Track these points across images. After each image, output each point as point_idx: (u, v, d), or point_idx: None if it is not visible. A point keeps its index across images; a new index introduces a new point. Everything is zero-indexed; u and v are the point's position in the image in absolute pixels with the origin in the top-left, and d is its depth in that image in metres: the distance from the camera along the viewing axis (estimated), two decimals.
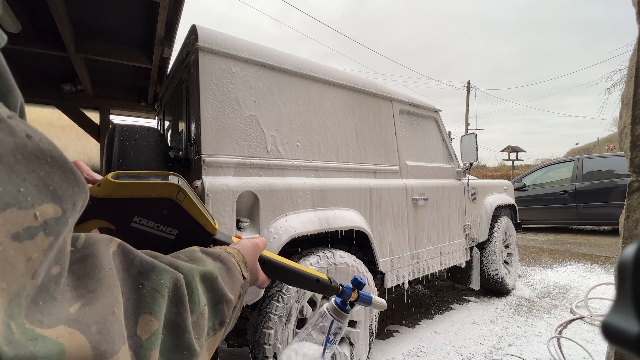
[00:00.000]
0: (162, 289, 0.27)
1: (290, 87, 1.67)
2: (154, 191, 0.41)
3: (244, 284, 0.40)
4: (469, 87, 21.33)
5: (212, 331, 0.33)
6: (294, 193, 1.56)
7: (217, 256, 0.38)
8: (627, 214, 0.98)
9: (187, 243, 0.43)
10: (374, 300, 0.66)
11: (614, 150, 23.47)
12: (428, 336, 2.32)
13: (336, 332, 0.61)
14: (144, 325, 0.25)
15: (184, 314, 0.29)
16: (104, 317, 0.22)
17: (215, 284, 0.34)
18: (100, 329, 0.21)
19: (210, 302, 0.33)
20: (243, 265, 0.42)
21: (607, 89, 8.57)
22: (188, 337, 0.29)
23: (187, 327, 0.29)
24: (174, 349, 0.27)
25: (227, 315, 0.35)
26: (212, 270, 0.35)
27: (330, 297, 0.63)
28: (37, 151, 0.19)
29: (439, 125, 2.69)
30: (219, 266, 0.36)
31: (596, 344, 2.16)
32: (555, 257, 4.70)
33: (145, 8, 1.93)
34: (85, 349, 0.20)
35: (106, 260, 0.25)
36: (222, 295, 0.35)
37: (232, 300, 0.36)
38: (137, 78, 2.93)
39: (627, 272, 0.19)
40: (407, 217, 2.15)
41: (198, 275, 0.32)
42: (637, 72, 0.92)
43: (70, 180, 0.21)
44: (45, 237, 0.19)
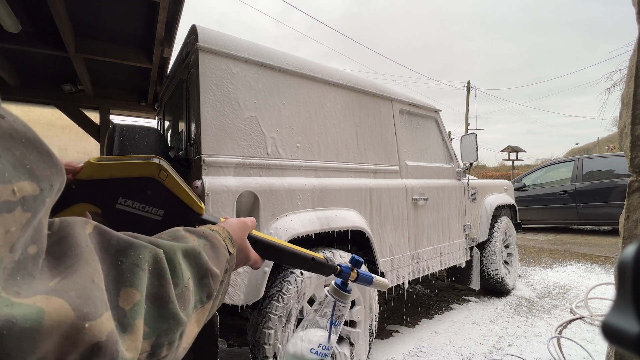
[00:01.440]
0: (141, 263, 0.28)
1: (290, 87, 1.67)
2: (135, 170, 0.41)
3: (230, 259, 0.41)
4: (468, 87, 21.33)
5: (200, 304, 0.34)
6: (294, 193, 1.56)
7: (201, 234, 0.39)
8: (627, 214, 0.98)
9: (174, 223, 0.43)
10: (374, 280, 0.65)
11: (614, 150, 23.47)
12: (428, 336, 2.32)
13: (340, 313, 0.61)
14: (126, 297, 0.26)
15: (166, 286, 0.30)
16: (83, 285, 0.22)
17: (199, 259, 0.35)
18: (80, 294, 0.22)
19: (195, 276, 0.34)
20: (229, 241, 0.43)
21: (607, 89, 8.57)
22: (172, 307, 0.30)
23: (170, 298, 0.30)
24: (159, 319, 0.28)
25: (214, 289, 0.36)
26: (194, 246, 0.36)
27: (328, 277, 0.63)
28: (11, 131, 0.20)
29: (439, 125, 2.69)
30: (204, 242, 0.37)
31: (596, 344, 2.16)
32: (555, 257, 4.70)
33: (145, 8, 1.93)
34: (65, 309, 0.20)
35: (82, 239, 0.25)
36: (207, 269, 0.36)
37: (218, 274, 0.37)
38: (137, 78, 2.93)
39: (627, 272, 0.19)
40: (407, 217, 2.15)
41: (180, 251, 0.33)
42: (637, 72, 0.92)
43: (47, 162, 0.22)
44: (23, 212, 0.19)
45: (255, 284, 1.41)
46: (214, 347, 1.32)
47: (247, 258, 0.49)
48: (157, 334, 0.28)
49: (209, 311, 0.37)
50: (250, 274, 1.40)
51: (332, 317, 0.60)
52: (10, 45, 2.11)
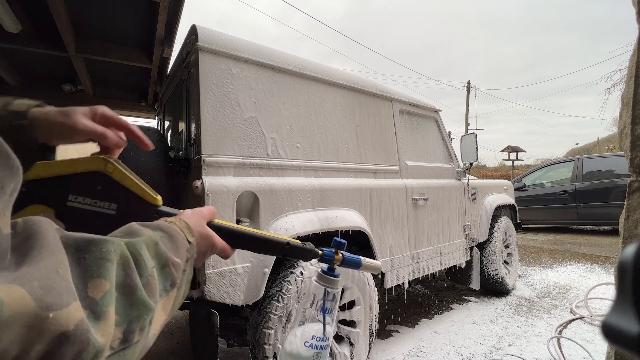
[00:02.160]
0: (107, 255, 0.29)
1: (290, 88, 1.67)
2: (81, 165, 0.42)
3: (189, 248, 0.42)
4: (468, 87, 21.33)
5: (165, 292, 0.36)
6: (294, 193, 1.56)
7: (156, 226, 0.40)
8: (627, 214, 0.98)
9: (130, 216, 0.43)
10: (363, 262, 0.61)
11: (614, 150, 23.47)
12: (428, 336, 2.32)
13: (331, 300, 0.59)
14: (94, 288, 0.27)
15: (132, 275, 0.31)
16: (47, 275, 0.22)
17: (158, 249, 0.36)
18: (43, 285, 0.22)
19: (157, 266, 0.35)
20: (187, 230, 0.43)
21: (607, 89, 8.56)
22: (141, 294, 0.31)
23: (138, 286, 0.31)
24: (129, 306, 0.30)
25: (176, 277, 0.38)
26: (151, 237, 0.36)
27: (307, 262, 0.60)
28: None
29: (439, 125, 2.69)
30: (160, 234, 0.38)
31: (596, 344, 2.16)
32: (555, 257, 4.70)
33: (145, 8, 1.93)
34: (26, 300, 0.20)
35: (50, 233, 0.26)
36: (167, 258, 0.37)
37: (179, 263, 0.39)
38: (137, 78, 2.93)
39: (627, 272, 0.19)
40: (407, 217, 2.15)
41: (138, 243, 0.34)
42: (637, 72, 0.92)
43: (2, 163, 0.22)
44: None
45: (255, 284, 1.41)
46: (214, 347, 1.32)
47: (212, 245, 0.49)
48: (129, 320, 0.29)
49: (174, 299, 0.38)
50: (250, 273, 1.40)
51: (324, 305, 0.58)
52: (10, 45, 2.11)
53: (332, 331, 0.59)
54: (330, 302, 0.59)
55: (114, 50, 2.35)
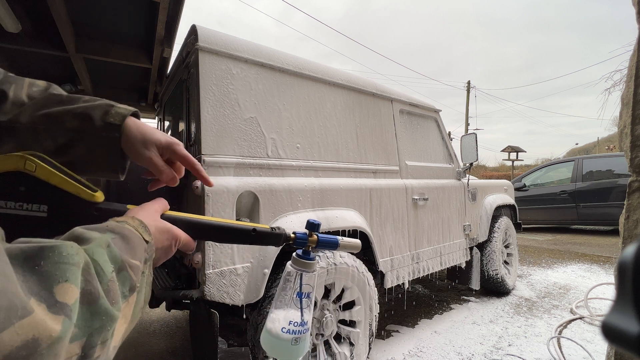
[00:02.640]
0: (68, 259, 0.26)
1: (290, 88, 1.67)
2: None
3: (147, 247, 0.39)
4: (468, 87, 21.34)
5: (124, 298, 0.33)
6: (294, 193, 1.56)
7: (105, 228, 0.36)
8: (627, 214, 0.98)
9: (66, 217, 0.40)
10: (341, 242, 0.58)
11: (614, 150, 23.47)
12: (428, 336, 2.32)
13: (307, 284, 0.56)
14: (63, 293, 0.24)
15: (92, 282, 0.28)
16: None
17: (111, 252, 0.33)
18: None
19: (114, 271, 0.33)
20: (142, 229, 0.40)
21: (607, 89, 8.57)
22: (103, 302, 0.28)
23: (99, 294, 0.28)
24: (89, 317, 0.27)
25: (135, 281, 0.35)
26: (102, 240, 0.33)
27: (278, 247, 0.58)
28: None
29: (439, 125, 2.69)
30: (111, 236, 0.35)
31: (596, 344, 2.16)
32: (555, 257, 4.70)
33: (145, 8, 1.93)
34: None
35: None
36: (123, 261, 0.34)
37: (138, 265, 0.36)
38: (137, 78, 2.93)
39: (627, 272, 0.19)
40: (407, 217, 2.15)
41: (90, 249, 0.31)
42: (637, 72, 0.92)
43: None
44: None
45: (255, 284, 1.41)
46: (214, 347, 1.32)
47: (175, 237, 0.46)
48: (89, 332, 0.26)
49: (134, 305, 0.35)
50: (250, 274, 1.40)
51: (301, 289, 0.56)
52: (10, 45, 2.11)
53: (310, 317, 0.57)
54: (307, 285, 0.56)
55: (114, 50, 2.35)
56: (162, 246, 0.44)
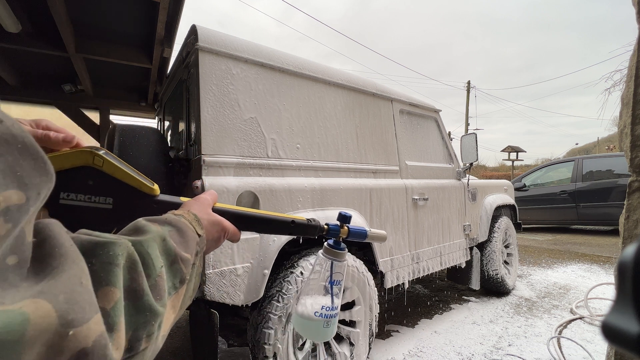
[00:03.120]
0: (114, 259, 0.28)
1: (290, 88, 1.67)
2: (68, 161, 0.40)
3: (199, 241, 0.41)
4: (468, 87, 21.34)
5: (174, 290, 0.34)
6: (294, 193, 1.56)
7: (164, 220, 0.38)
8: (627, 214, 0.98)
9: (129, 208, 0.42)
10: (369, 233, 0.62)
11: (614, 150, 23.47)
12: (428, 336, 2.32)
13: (338, 272, 0.60)
14: (105, 296, 0.25)
15: (139, 279, 0.29)
16: (72, 288, 0.22)
17: (167, 245, 0.35)
18: (68, 299, 0.21)
19: (166, 264, 0.34)
20: (196, 223, 0.42)
21: (607, 89, 8.57)
22: (147, 299, 0.29)
23: (144, 291, 0.29)
24: (134, 313, 0.28)
25: (185, 273, 0.36)
26: (159, 233, 0.35)
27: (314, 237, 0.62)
28: (7, 135, 0.19)
29: (439, 125, 2.69)
30: (168, 229, 0.37)
31: (596, 344, 2.16)
32: (555, 257, 4.70)
33: (145, 8, 1.93)
34: (51, 317, 0.19)
35: (65, 238, 0.25)
36: (176, 254, 0.35)
37: (189, 258, 0.37)
38: (137, 78, 2.93)
39: (627, 272, 0.19)
40: (407, 218, 2.15)
41: (145, 242, 0.33)
42: (637, 72, 0.92)
43: (39, 168, 0.21)
44: (4, 223, 0.19)
45: (255, 284, 1.41)
46: (214, 347, 1.32)
47: (224, 229, 0.48)
48: (134, 328, 0.28)
49: (183, 296, 0.37)
50: (250, 274, 1.40)
51: (331, 277, 0.60)
52: (10, 45, 2.11)
53: (339, 302, 0.61)
54: (338, 274, 0.60)
55: (114, 50, 2.35)
56: (212, 238, 0.46)
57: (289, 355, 1.47)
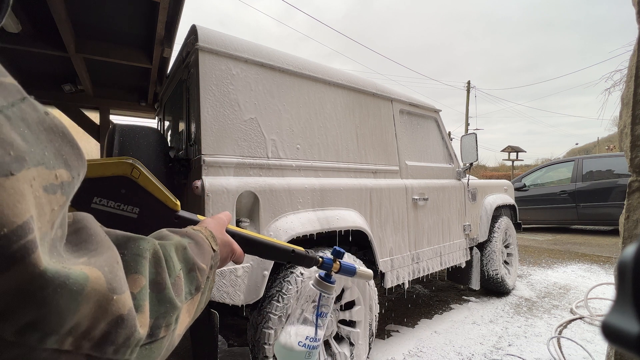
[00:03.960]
0: (142, 252, 0.31)
1: (290, 88, 1.67)
2: (108, 170, 0.42)
3: (214, 255, 0.44)
4: (468, 87, 21.34)
5: (190, 295, 0.37)
6: (294, 193, 1.56)
7: (185, 233, 0.42)
8: (627, 214, 0.98)
9: (151, 220, 0.45)
10: (358, 271, 0.67)
11: (614, 150, 23.47)
12: (428, 336, 2.32)
13: (325, 305, 0.63)
14: (133, 282, 0.29)
15: (162, 274, 0.33)
16: (111, 264, 0.26)
17: (186, 254, 0.38)
18: (110, 270, 0.25)
19: (184, 270, 0.37)
20: (212, 239, 0.45)
21: (607, 89, 8.56)
22: (168, 292, 0.33)
23: (166, 284, 0.33)
24: (157, 302, 0.31)
25: (201, 282, 0.40)
26: (181, 242, 0.39)
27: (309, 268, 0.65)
28: (53, 125, 0.23)
29: (439, 125, 2.69)
30: (188, 240, 0.40)
31: (596, 344, 2.16)
32: (555, 257, 4.70)
33: (145, 8, 1.93)
34: (101, 281, 0.24)
35: (99, 230, 0.28)
36: (194, 263, 0.38)
37: (205, 269, 0.41)
38: (137, 78, 2.93)
39: (627, 272, 0.19)
40: (407, 217, 2.15)
41: (169, 246, 0.36)
42: (637, 72, 0.92)
43: (77, 154, 0.25)
44: (62, 195, 0.22)
45: (255, 284, 1.41)
46: (214, 347, 1.32)
47: (232, 251, 0.52)
48: (155, 316, 0.30)
49: (197, 303, 0.40)
50: (250, 274, 1.40)
51: (318, 309, 0.62)
52: (10, 45, 2.11)
53: (322, 334, 0.64)
54: (325, 306, 0.63)
55: (114, 50, 2.35)
56: (222, 257, 0.49)
57: None
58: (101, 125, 3.32)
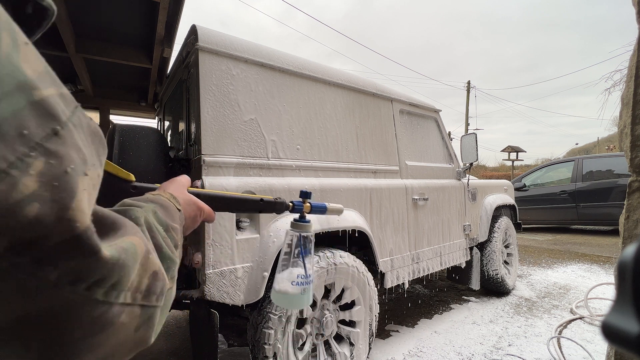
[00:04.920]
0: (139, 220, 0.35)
1: (290, 89, 1.67)
2: None
3: (180, 215, 0.47)
4: (468, 87, 21.33)
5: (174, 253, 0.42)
6: (294, 194, 1.56)
7: (147, 199, 0.44)
8: (627, 214, 0.98)
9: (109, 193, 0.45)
10: (329, 207, 0.73)
11: (614, 150, 23.46)
12: (428, 336, 2.32)
13: (307, 243, 0.67)
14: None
15: (156, 236, 0.37)
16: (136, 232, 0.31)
17: (158, 217, 0.41)
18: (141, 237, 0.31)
19: (164, 231, 0.40)
20: (174, 200, 0.47)
21: (607, 89, 8.56)
22: (166, 250, 0.37)
23: (162, 244, 0.37)
24: (161, 260, 0.35)
25: (177, 240, 0.43)
26: (150, 207, 0.41)
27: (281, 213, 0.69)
28: (95, 130, 0.27)
29: (439, 125, 2.69)
30: (153, 205, 0.42)
31: (596, 344, 2.16)
32: (555, 257, 4.70)
33: (145, 8, 1.93)
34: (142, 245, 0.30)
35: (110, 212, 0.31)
36: (167, 224, 0.41)
37: (177, 227, 0.43)
38: (137, 78, 2.93)
39: (627, 272, 0.19)
40: (407, 218, 2.15)
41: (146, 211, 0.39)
42: (637, 72, 0.92)
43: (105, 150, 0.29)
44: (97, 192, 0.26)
45: (255, 284, 1.41)
46: (214, 347, 1.32)
47: (200, 209, 0.53)
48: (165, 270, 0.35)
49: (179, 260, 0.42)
50: (250, 274, 1.40)
51: (302, 248, 0.66)
52: None
53: (312, 271, 0.68)
54: (306, 245, 0.67)
55: (114, 50, 2.35)
56: (189, 216, 0.51)
57: (288, 355, 1.47)
58: (101, 125, 3.31)
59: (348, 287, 1.71)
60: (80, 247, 0.22)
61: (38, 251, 0.20)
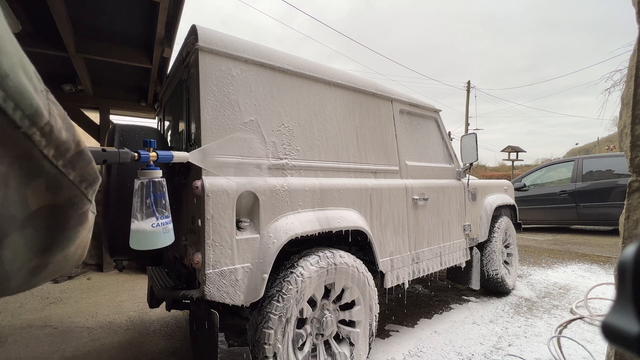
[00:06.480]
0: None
1: (291, 89, 1.67)
2: None
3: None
4: (468, 88, 21.33)
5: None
6: (294, 194, 1.56)
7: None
8: (627, 214, 0.98)
9: None
10: (175, 155, 0.79)
11: (614, 150, 23.45)
12: (428, 336, 2.32)
13: (158, 186, 0.71)
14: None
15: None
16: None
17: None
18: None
19: None
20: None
21: (607, 89, 8.55)
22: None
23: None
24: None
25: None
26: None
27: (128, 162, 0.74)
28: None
29: (439, 125, 2.69)
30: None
31: (596, 344, 2.16)
32: (555, 257, 4.70)
33: (145, 8, 1.93)
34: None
35: None
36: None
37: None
38: (137, 78, 2.93)
39: (627, 272, 0.19)
40: (407, 218, 2.15)
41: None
42: (637, 72, 0.92)
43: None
44: None
45: (254, 285, 1.41)
46: (214, 347, 1.32)
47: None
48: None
49: None
50: (250, 274, 1.40)
51: (157, 192, 0.71)
52: None
53: (169, 211, 0.73)
54: (159, 189, 0.71)
55: (114, 50, 2.35)
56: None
57: (288, 355, 1.47)
58: (101, 125, 3.31)
59: (348, 287, 1.71)
60: (86, 157, 0.31)
61: (65, 158, 0.29)
